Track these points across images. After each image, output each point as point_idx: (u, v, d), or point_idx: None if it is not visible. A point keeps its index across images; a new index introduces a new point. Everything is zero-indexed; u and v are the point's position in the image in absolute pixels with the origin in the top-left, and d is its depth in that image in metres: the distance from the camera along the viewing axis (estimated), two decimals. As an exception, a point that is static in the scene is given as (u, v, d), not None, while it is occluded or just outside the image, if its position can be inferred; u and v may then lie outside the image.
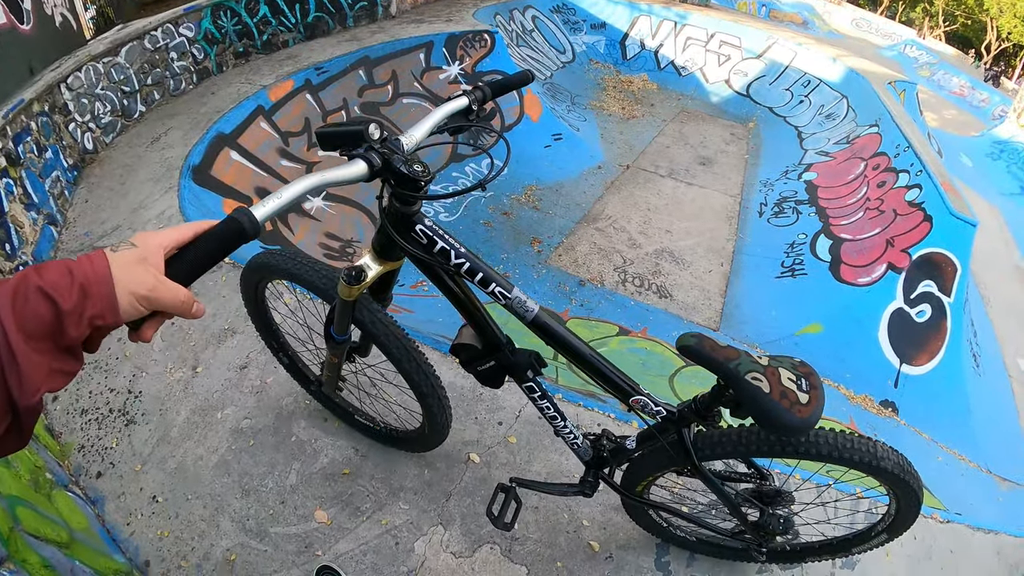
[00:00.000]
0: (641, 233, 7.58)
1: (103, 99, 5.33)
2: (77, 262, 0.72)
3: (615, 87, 12.23)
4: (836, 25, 28.37)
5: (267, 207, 0.97)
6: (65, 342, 0.70)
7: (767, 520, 1.83)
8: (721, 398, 1.50)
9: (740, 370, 1.41)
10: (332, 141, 1.21)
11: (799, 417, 1.36)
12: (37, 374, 0.67)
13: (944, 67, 24.11)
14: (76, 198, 4.56)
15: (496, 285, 1.49)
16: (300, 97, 6.69)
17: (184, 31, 6.42)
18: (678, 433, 1.66)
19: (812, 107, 11.06)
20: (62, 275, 0.70)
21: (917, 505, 1.67)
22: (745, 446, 1.59)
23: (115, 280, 0.74)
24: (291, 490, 2.44)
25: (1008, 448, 5.60)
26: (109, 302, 0.73)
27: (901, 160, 7.41)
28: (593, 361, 1.59)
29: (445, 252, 1.45)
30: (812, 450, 1.53)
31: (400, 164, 1.24)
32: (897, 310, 5.82)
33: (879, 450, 1.54)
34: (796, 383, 1.41)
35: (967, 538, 2.81)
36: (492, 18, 10.26)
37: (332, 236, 5.96)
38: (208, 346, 3.05)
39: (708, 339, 1.49)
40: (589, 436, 1.97)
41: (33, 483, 2.12)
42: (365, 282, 1.56)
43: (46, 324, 0.68)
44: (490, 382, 1.76)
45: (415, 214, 1.42)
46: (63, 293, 0.68)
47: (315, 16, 8.35)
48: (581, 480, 1.96)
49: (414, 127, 1.42)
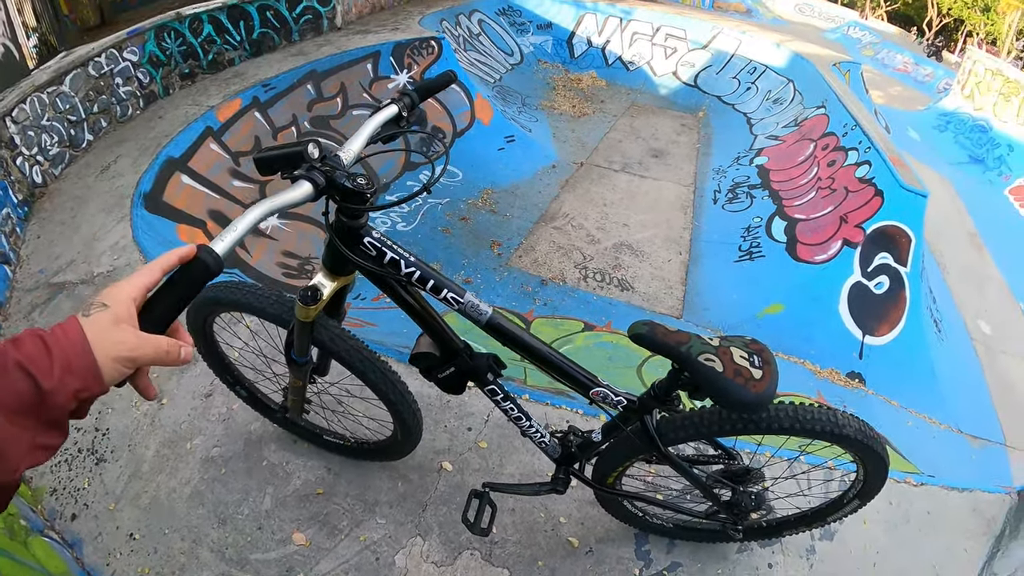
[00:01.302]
0: (599, 229, 7.64)
1: (50, 130, 5.19)
2: (51, 334, 0.70)
3: (565, 86, 12.31)
4: (780, 11, 28.83)
5: (225, 241, 0.97)
6: (50, 416, 0.67)
7: (739, 498, 1.85)
8: (678, 382, 1.53)
9: (692, 352, 1.45)
10: (271, 165, 1.22)
11: (754, 392, 1.39)
12: (16, 451, 0.65)
13: (887, 46, 24.68)
14: (28, 234, 4.43)
15: (448, 291, 1.50)
16: (249, 115, 6.61)
17: (128, 55, 6.30)
18: (641, 421, 1.68)
19: (759, 93, 11.27)
20: (39, 349, 0.67)
21: (884, 468, 1.70)
22: (708, 427, 1.63)
23: (94, 348, 0.72)
24: (267, 515, 2.41)
25: (976, 408, 5.80)
26: (92, 373, 0.71)
27: (849, 139, 7.60)
28: (550, 358, 1.61)
29: (395, 262, 1.46)
30: (774, 424, 1.55)
31: (343, 179, 1.26)
32: (856, 284, 5.95)
33: (839, 417, 1.58)
34: (748, 360, 1.45)
35: (943, 498, 2.89)
36: (438, 24, 10.25)
37: (290, 254, 5.89)
38: (172, 376, 3.00)
39: (659, 326, 1.52)
40: (556, 434, 1.98)
41: (8, 531, 2.07)
42: (322, 301, 1.56)
43: (26, 400, 0.65)
44: (452, 389, 1.76)
45: (363, 227, 1.43)
46: (43, 370, 0.66)
47: (260, 32, 8.26)
48: (553, 478, 1.97)
49: (350, 140, 1.44)
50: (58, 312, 3.53)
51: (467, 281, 6.40)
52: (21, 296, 3.74)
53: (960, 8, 29.71)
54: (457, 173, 8.25)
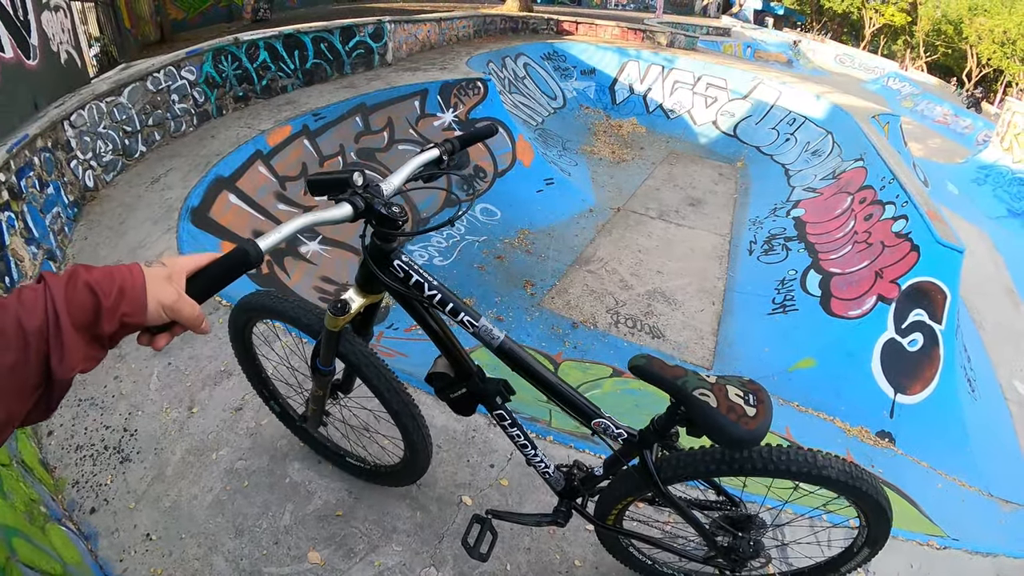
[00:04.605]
0: (633, 275, 7.67)
1: (105, 138, 5.43)
2: (118, 268, 0.86)
3: (605, 131, 12.48)
4: (820, 62, 28.93)
5: (269, 239, 1.10)
6: (98, 332, 0.82)
7: (738, 544, 1.87)
8: (675, 416, 1.57)
9: (687, 386, 1.49)
10: (321, 187, 1.37)
11: (746, 429, 1.42)
12: (76, 355, 0.78)
13: (927, 97, 24.55)
14: (76, 235, 4.60)
15: (464, 315, 1.60)
16: (298, 142, 6.84)
17: (186, 74, 6.59)
18: (641, 456, 1.72)
19: (798, 144, 11.29)
20: (106, 276, 0.83)
21: (881, 510, 1.69)
22: (704, 464, 1.64)
23: (147, 288, 0.87)
24: (285, 531, 2.44)
25: (1009, 470, 5.59)
26: (140, 305, 0.86)
27: (887, 192, 7.55)
28: (556, 386, 1.68)
29: (419, 284, 1.59)
30: (759, 465, 1.57)
31: (380, 206, 1.39)
32: (889, 340, 5.87)
33: (819, 459, 1.57)
34: (743, 398, 1.48)
35: (965, 562, 2.81)
36: (485, 66, 10.50)
37: (327, 280, 6.03)
38: (204, 387, 3.08)
39: (656, 360, 1.58)
40: (562, 467, 2.02)
41: (28, 515, 2.11)
42: (350, 313, 1.68)
43: (88, 314, 0.80)
44: (462, 410, 1.85)
45: (394, 251, 1.56)
46: (105, 290, 0.81)
47: (313, 63, 8.60)
48: (554, 510, 2.01)
49: (392, 174, 1.58)
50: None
51: (499, 319, 6.46)
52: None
53: (1000, 58, 29.50)
54: (496, 212, 8.38)
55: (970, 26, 30.48)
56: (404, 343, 4.76)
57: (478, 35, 14.34)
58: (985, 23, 29.24)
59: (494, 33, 15.04)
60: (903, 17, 34.88)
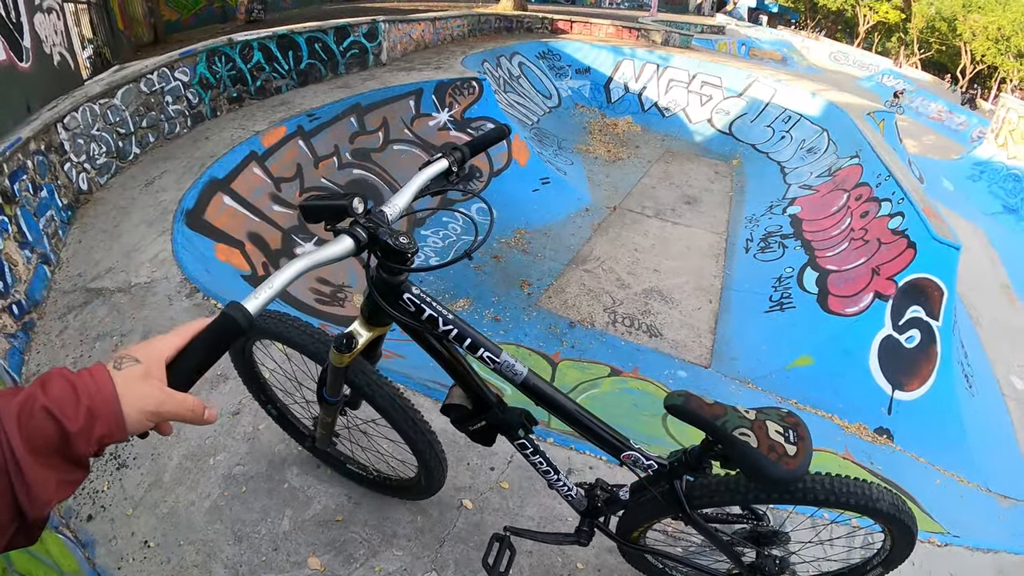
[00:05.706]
0: (629, 273, 7.67)
1: (99, 140, 5.39)
2: (81, 378, 0.74)
3: (600, 130, 12.48)
4: (815, 60, 29.00)
5: (259, 299, 0.97)
6: (72, 455, 0.71)
7: (762, 562, 1.84)
8: (710, 452, 1.52)
9: (728, 427, 1.43)
10: (316, 214, 1.23)
11: (787, 469, 1.38)
12: (46, 489, 0.68)
13: (922, 94, 24.62)
14: (70, 238, 4.57)
15: (485, 351, 1.49)
16: (292, 143, 6.81)
17: (179, 75, 6.56)
18: (670, 484, 1.67)
19: (794, 142, 11.31)
20: (67, 394, 0.71)
21: (911, 541, 1.67)
22: (741, 493, 1.59)
23: (121, 398, 0.75)
24: (284, 537, 2.42)
25: (1007, 466, 5.61)
26: (116, 421, 0.74)
27: (883, 189, 7.56)
28: (583, 420, 1.60)
29: (433, 319, 1.46)
30: (809, 496, 1.53)
31: (387, 237, 1.26)
32: (886, 337, 5.87)
33: (874, 492, 1.53)
34: (784, 435, 1.43)
35: (966, 559, 2.81)
36: (480, 65, 10.49)
37: (324, 281, 6.00)
38: (200, 391, 3.05)
39: (695, 397, 1.50)
40: (583, 486, 1.97)
41: None
42: (356, 349, 1.56)
43: (53, 442, 0.69)
44: (482, 440, 1.76)
45: (402, 283, 1.43)
46: (69, 414, 0.70)
47: (308, 63, 8.56)
48: (577, 529, 1.95)
49: (396, 195, 1.43)
50: (92, 317, 3.60)
51: (496, 319, 6.45)
52: (58, 297, 3.85)
53: (993, 55, 29.61)
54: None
55: (964, 23, 30.59)
56: (400, 344, 4.73)
57: (473, 34, 14.32)
58: (979, 20, 29.36)
59: (489, 32, 15.03)
60: (897, 14, 35.04)
